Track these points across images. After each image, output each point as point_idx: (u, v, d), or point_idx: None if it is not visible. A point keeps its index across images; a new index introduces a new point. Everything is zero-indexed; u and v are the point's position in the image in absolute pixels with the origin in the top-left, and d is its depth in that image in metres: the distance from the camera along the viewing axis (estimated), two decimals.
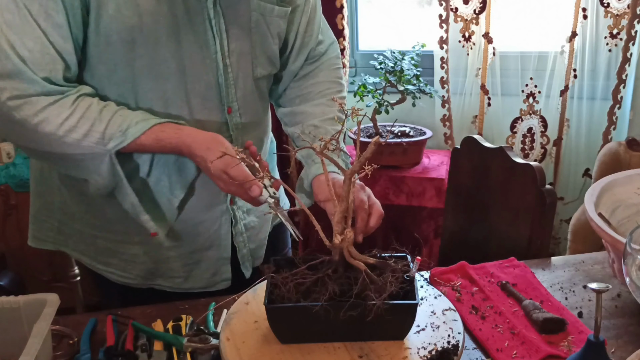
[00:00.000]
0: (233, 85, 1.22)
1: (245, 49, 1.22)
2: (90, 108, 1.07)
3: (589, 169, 2.78)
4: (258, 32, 1.22)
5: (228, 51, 1.19)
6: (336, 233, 0.97)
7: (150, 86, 1.13)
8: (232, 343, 0.98)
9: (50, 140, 1.05)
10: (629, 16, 2.52)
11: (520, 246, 1.55)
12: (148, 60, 1.11)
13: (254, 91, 1.28)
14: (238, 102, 1.24)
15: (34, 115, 1.03)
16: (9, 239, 2.68)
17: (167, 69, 1.13)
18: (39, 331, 0.93)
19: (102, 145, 1.07)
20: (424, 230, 2.54)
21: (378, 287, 0.94)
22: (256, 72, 1.26)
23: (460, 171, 1.84)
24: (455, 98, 2.76)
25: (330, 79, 1.38)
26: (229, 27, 1.17)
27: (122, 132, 1.07)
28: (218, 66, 1.18)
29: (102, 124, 1.07)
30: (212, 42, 1.16)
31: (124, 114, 1.10)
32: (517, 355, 1.05)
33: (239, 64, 1.21)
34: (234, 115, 1.24)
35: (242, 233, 1.35)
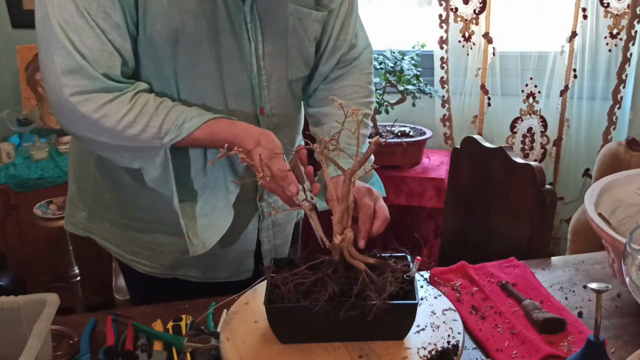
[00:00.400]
0: (266, 87, 1.23)
1: (281, 52, 1.23)
2: (147, 104, 1.11)
3: (588, 169, 2.78)
4: (295, 35, 1.23)
5: (263, 54, 1.20)
6: (336, 233, 0.97)
7: (190, 84, 1.16)
8: (232, 343, 0.98)
9: (110, 134, 1.10)
10: (628, 16, 2.52)
11: (520, 246, 1.55)
12: (189, 59, 1.14)
13: (288, 92, 1.28)
14: (271, 103, 1.25)
15: (95, 111, 1.07)
16: (9, 239, 2.68)
17: (207, 69, 1.16)
18: (39, 331, 0.93)
19: (158, 139, 1.10)
20: (423, 230, 2.55)
21: (378, 287, 0.94)
22: (291, 74, 1.27)
23: (460, 171, 1.84)
24: (455, 98, 2.76)
25: (359, 83, 1.38)
26: (264, 30, 1.19)
27: (177, 126, 1.10)
28: (252, 68, 1.20)
29: (158, 119, 1.10)
30: (247, 45, 1.18)
31: (180, 109, 1.13)
32: (517, 355, 1.05)
33: (273, 66, 1.23)
34: (266, 116, 1.25)
35: (269, 229, 1.36)
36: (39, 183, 2.61)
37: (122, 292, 2.31)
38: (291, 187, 1.08)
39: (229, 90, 1.19)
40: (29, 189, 2.61)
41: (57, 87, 1.06)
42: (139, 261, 1.35)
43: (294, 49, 1.24)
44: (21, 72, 2.82)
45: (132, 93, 1.10)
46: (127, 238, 1.32)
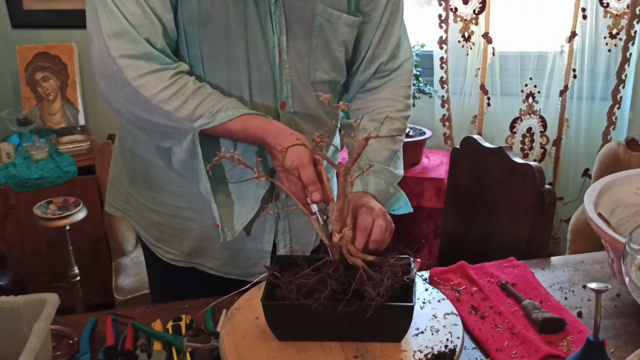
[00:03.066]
0: (288, 81, 1.23)
1: (304, 50, 1.23)
2: (186, 86, 1.13)
3: (588, 168, 2.78)
4: (320, 36, 1.23)
5: (286, 47, 1.20)
6: (335, 232, 0.98)
7: (217, 67, 1.18)
8: (231, 338, 0.99)
9: (144, 106, 1.12)
10: (628, 16, 2.52)
11: (519, 246, 1.55)
12: (218, 43, 1.16)
13: (312, 94, 1.27)
14: (293, 100, 1.25)
15: (135, 79, 1.10)
16: (9, 239, 2.68)
17: (234, 54, 1.17)
18: (38, 331, 0.93)
19: (190, 121, 1.12)
20: (423, 230, 2.55)
21: (375, 283, 0.94)
22: (315, 75, 1.26)
23: (460, 171, 1.84)
24: (455, 98, 2.76)
25: (394, 96, 1.35)
26: (289, 25, 1.19)
27: (211, 114, 1.12)
28: (275, 60, 1.20)
29: (194, 102, 1.12)
30: (271, 36, 1.18)
31: (218, 98, 1.15)
32: (517, 355, 1.05)
33: (295, 63, 1.23)
34: (287, 111, 1.25)
35: (285, 232, 1.35)
36: (39, 183, 2.61)
37: (122, 292, 2.31)
38: (315, 195, 1.07)
39: (253, 79, 1.20)
40: (28, 189, 2.61)
41: (104, 50, 1.10)
42: (162, 247, 1.37)
43: (319, 49, 1.24)
44: (21, 72, 2.82)
45: (173, 71, 1.13)
46: (154, 223, 1.35)
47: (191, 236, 1.34)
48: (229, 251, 1.34)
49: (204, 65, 1.18)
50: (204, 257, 1.36)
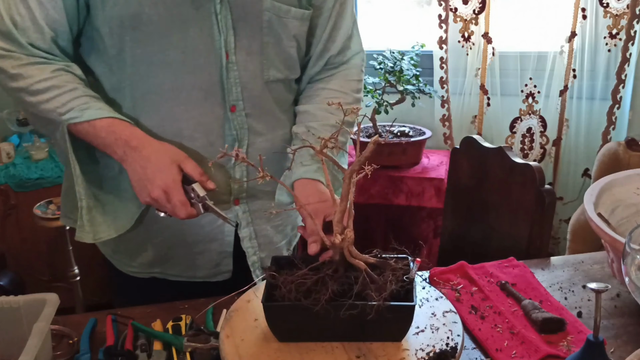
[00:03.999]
0: (239, 83, 1.20)
1: (255, 48, 1.20)
2: (66, 82, 1.12)
3: (588, 169, 2.78)
4: (271, 32, 1.20)
5: (235, 48, 1.18)
6: (336, 233, 0.98)
7: (149, 74, 1.16)
8: (231, 340, 0.98)
9: (20, 94, 1.12)
10: (628, 16, 2.52)
11: (519, 246, 1.55)
12: (148, 49, 1.14)
13: (266, 94, 1.25)
14: (244, 102, 1.22)
15: (13, 68, 1.11)
16: (9, 239, 2.68)
17: (169, 59, 1.15)
18: (38, 331, 0.93)
19: (58, 114, 1.11)
20: (423, 230, 2.55)
21: (378, 287, 0.94)
22: (268, 74, 1.23)
23: (460, 171, 1.84)
24: (455, 98, 2.76)
25: (342, 89, 1.33)
26: (236, 23, 1.16)
27: (81, 110, 1.11)
28: (221, 62, 1.17)
29: (67, 96, 1.11)
30: (217, 37, 1.15)
31: (94, 99, 1.14)
32: (517, 355, 1.05)
33: (246, 63, 1.20)
34: (238, 115, 1.22)
35: (252, 238, 1.32)
36: (39, 183, 2.61)
37: None
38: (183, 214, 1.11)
39: (195, 84, 1.17)
40: (28, 189, 2.61)
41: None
42: (119, 259, 1.34)
43: (270, 47, 1.21)
44: None
45: (57, 66, 1.13)
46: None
47: (151, 247, 1.30)
48: (191, 256, 1.31)
49: (140, 70, 1.16)
50: (165, 265, 1.33)
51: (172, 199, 1.11)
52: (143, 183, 1.11)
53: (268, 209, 1.30)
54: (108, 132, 1.12)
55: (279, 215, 1.35)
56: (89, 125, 1.12)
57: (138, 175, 1.12)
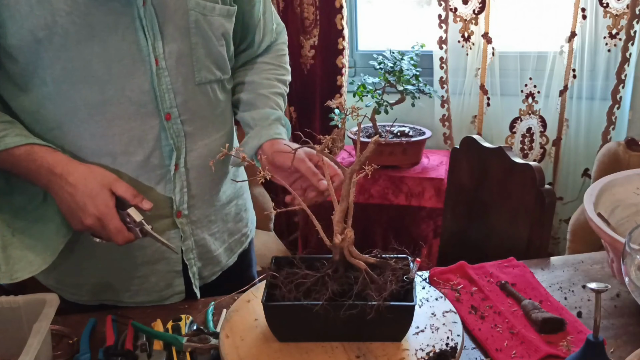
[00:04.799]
0: (171, 90, 1.14)
1: (185, 51, 1.15)
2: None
3: (588, 169, 2.78)
4: (199, 33, 1.15)
5: (164, 53, 1.12)
6: (336, 233, 0.98)
7: (72, 91, 1.08)
8: (231, 340, 0.98)
9: None
10: (628, 16, 2.52)
11: (519, 246, 1.55)
12: (67, 63, 1.06)
13: (200, 96, 1.20)
14: (179, 108, 1.16)
15: None
16: None
17: (91, 73, 1.07)
18: (38, 331, 0.93)
19: None
20: (423, 230, 2.55)
21: (378, 287, 0.94)
22: (199, 76, 1.18)
23: (460, 171, 1.84)
24: (455, 98, 2.76)
25: (276, 62, 1.39)
26: (163, 27, 1.10)
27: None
28: (151, 69, 1.11)
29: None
30: (143, 43, 1.09)
31: (10, 125, 1.07)
32: (517, 355, 1.05)
33: (177, 67, 1.14)
34: (173, 123, 1.16)
35: (192, 249, 1.27)
36: None
37: None
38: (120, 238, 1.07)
39: (124, 96, 1.10)
40: None
41: None
42: (64, 289, 1.28)
43: (200, 48, 1.16)
44: None
45: None
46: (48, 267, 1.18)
47: (93, 274, 1.24)
48: (137, 279, 1.25)
49: (62, 87, 1.07)
50: (113, 292, 1.26)
51: (107, 225, 1.06)
52: (74, 212, 1.06)
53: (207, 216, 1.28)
54: (28, 160, 1.05)
55: (215, 222, 1.31)
56: (7, 154, 1.05)
57: (67, 204, 1.06)
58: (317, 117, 2.91)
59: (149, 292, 1.27)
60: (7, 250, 1.12)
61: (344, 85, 2.81)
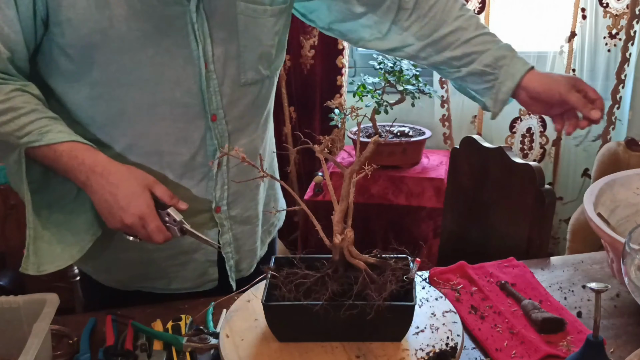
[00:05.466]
0: (218, 92, 1.17)
1: (232, 53, 1.17)
2: (24, 103, 1.07)
3: (588, 169, 2.78)
4: (247, 35, 1.17)
5: (213, 56, 1.14)
6: (336, 233, 0.98)
7: (124, 92, 1.11)
8: (231, 340, 0.99)
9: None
10: (628, 16, 2.52)
11: (519, 246, 1.55)
12: (121, 66, 1.09)
13: (245, 97, 1.22)
14: (224, 109, 1.19)
15: None
16: (9, 239, 2.68)
17: (143, 76, 1.11)
18: (38, 331, 0.94)
19: (16, 137, 1.06)
20: (423, 230, 2.55)
21: (378, 287, 0.94)
22: (245, 77, 1.20)
23: (460, 171, 1.84)
24: (455, 98, 2.76)
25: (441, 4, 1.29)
26: (213, 31, 1.13)
27: (40, 133, 1.06)
28: (201, 72, 1.14)
29: (26, 119, 1.06)
30: (194, 47, 1.12)
31: (53, 122, 1.08)
32: (516, 355, 1.05)
33: (225, 69, 1.17)
34: (219, 124, 1.19)
35: (230, 243, 1.30)
36: None
37: None
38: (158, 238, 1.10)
39: (173, 97, 1.14)
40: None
41: None
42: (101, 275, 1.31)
43: (248, 50, 1.18)
44: None
45: (13, 86, 1.07)
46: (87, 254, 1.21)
47: (129, 265, 1.27)
48: (174, 267, 1.28)
49: (113, 89, 1.11)
50: (149, 280, 1.30)
51: (148, 225, 1.09)
52: (114, 210, 1.08)
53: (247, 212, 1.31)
54: (70, 157, 1.07)
55: (255, 216, 1.34)
56: (49, 150, 1.06)
57: (108, 203, 1.08)
58: (317, 117, 2.91)
59: (184, 280, 1.31)
60: (37, 242, 1.13)
61: (343, 85, 2.81)
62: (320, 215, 1.06)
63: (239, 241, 1.33)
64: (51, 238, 1.15)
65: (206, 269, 1.31)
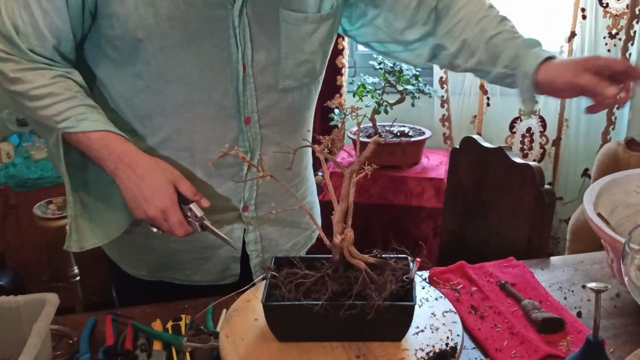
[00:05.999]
0: (254, 95, 1.19)
1: (273, 60, 1.18)
2: (65, 89, 1.10)
3: (587, 168, 2.78)
4: (289, 43, 1.18)
5: (252, 61, 1.16)
6: (336, 233, 0.98)
7: (163, 88, 1.14)
8: (231, 340, 0.99)
9: (18, 97, 1.11)
10: (627, 16, 2.53)
11: (519, 246, 1.55)
12: (163, 62, 1.12)
13: (281, 103, 1.23)
14: (259, 113, 1.20)
15: (12, 72, 1.09)
16: (9, 239, 2.68)
17: (183, 74, 1.13)
18: (38, 331, 0.94)
19: (54, 122, 1.09)
20: (423, 230, 2.55)
21: (378, 287, 0.94)
22: (283, 84, 1.21)
23: (459, 171, 1.84)
24: (454, 98, 2.76)
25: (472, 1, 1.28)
26: (254, 36, 1.15)
27: (78, 120, 1.09)
28: (238, 75, 1.16)
29: (65, 105, 1.09)
30: (234, 51, 1.14)
31: (92, 109, 1.12)
32: (516, 355, 1.05)
33: (263, 74, 1.18)
34: (252, 126, 1.21)
35: (257, 242, 1.32)
36: (39, 183, 2.61)
37: None
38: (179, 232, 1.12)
39: (210, 97, 1.16)
40: (28, 189, 2.61)
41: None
42: (126, 262, 1.34)
43: (289, 57, 1.20)
44: None
45: (58, 72, 1.11)
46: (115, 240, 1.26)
47: (155, 253, 1.30)
48: (198, 261, 1.31)
49: (153, 84, 1.14)
50: (172, 270, 1.33)
51: (170, 218, 1.11)
52: (138, 201, 1.11)
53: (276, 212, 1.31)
54: (101, 145, 1.10)
55: (284, 218, 1.35)
56: (84, 137, 1.10)
57: (133, 193, 1.11)
58: (317, 117, 2.90)
59: (206, 273, 1.33)
60: (77, 220, 1.17)
61: (343, 85, 2.81)
62: (320, 215, 1.06)
63: (269, 241, 1.34)
64: (89, 216, 1.19)
65: (229, 264, 1.33)
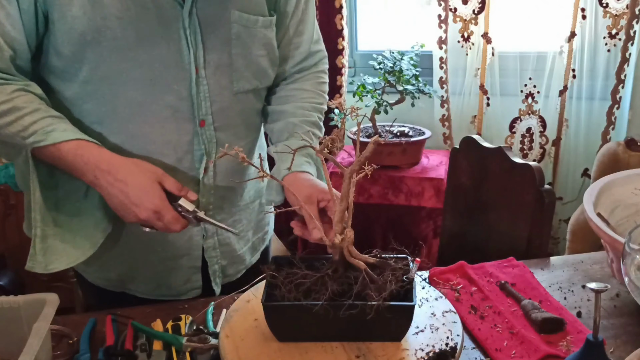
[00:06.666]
0: (208, 98, 1.18)
1: (225, 61, 1.18)
2: (27, 102, 1.07)
3: (587, 169, 2.78)
4: (239, 44, 1.18)
5: (204, 62, 1.15)
6: (336, 233, 0.98)
7: (115, 91, 1.12)
8: (231, 340, 0.99)
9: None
10: (627, 16, 2.52)
11: (519, 246, 1.55)
12: (112, 65, 1.10)
13: (235, 105, 1.23)
14: (213, 115, 1.20)
15: None
16: (8, 239, 2.68)
17: (134, 77, 1.11)
18: (38, 331, 0.93)
19: (22, 138, 1.06)
20: (422, 230, 2.55)
21: (378, 287, 0.94)
22: (237, 86, 1.21)
23: (459, 171, 1.84)
24: (454, 98, 2.76)
25: (315, 89, 1.35)
26: (205, 37, 1.14)
27: (45, 132, 1.06)
28: (191, 77, 1.15)
29: (29, 119, 1.06)
30: (186, 52, 1.13)
31: (57, 120, 1.09)
32: (516, 355, 1.05)
33: (215, 76, 1.17)
34: (207, 129, 1.20)
35: (215, 248, 1.32)
36: None
37: None
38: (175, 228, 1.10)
39: (163, 100, 1.15)
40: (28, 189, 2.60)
41: None
42: (91, 272, 1.33)
43: (240, 58, 1.19)
44: None
45: (16, 86, 1.07)
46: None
47: (121, 264, 1.29)
48: (161, 273, 1.30)
49: (104, 88, 1.12)
50: (134, 283, 1.31)
51: (164, 217, 1.09)
52: (127, 207, 1.09)
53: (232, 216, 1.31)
54: (75, 155, 1.07)
55: (240, 222, 1.35)
56: (54, 149, 1.07)
57: (119, 200, 1.09)
58: None
59: (169, 286, 1.31)
60: (47, 240, 1.13)
61: (343, 86, 2.81)
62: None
63: (226, 246, 1.34)
64: (61, 236, 1.15)
65: (190, 275, 1.31)
